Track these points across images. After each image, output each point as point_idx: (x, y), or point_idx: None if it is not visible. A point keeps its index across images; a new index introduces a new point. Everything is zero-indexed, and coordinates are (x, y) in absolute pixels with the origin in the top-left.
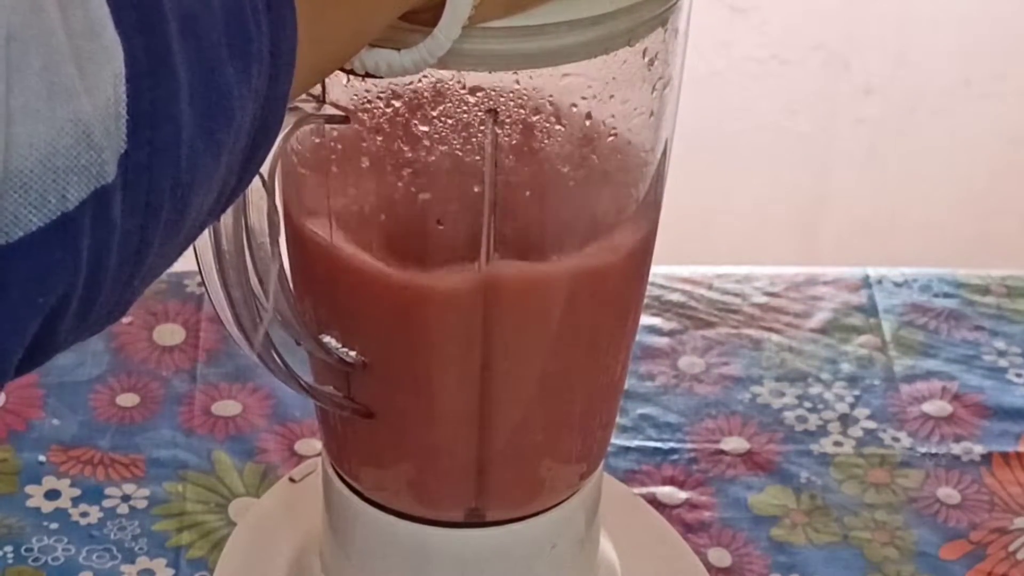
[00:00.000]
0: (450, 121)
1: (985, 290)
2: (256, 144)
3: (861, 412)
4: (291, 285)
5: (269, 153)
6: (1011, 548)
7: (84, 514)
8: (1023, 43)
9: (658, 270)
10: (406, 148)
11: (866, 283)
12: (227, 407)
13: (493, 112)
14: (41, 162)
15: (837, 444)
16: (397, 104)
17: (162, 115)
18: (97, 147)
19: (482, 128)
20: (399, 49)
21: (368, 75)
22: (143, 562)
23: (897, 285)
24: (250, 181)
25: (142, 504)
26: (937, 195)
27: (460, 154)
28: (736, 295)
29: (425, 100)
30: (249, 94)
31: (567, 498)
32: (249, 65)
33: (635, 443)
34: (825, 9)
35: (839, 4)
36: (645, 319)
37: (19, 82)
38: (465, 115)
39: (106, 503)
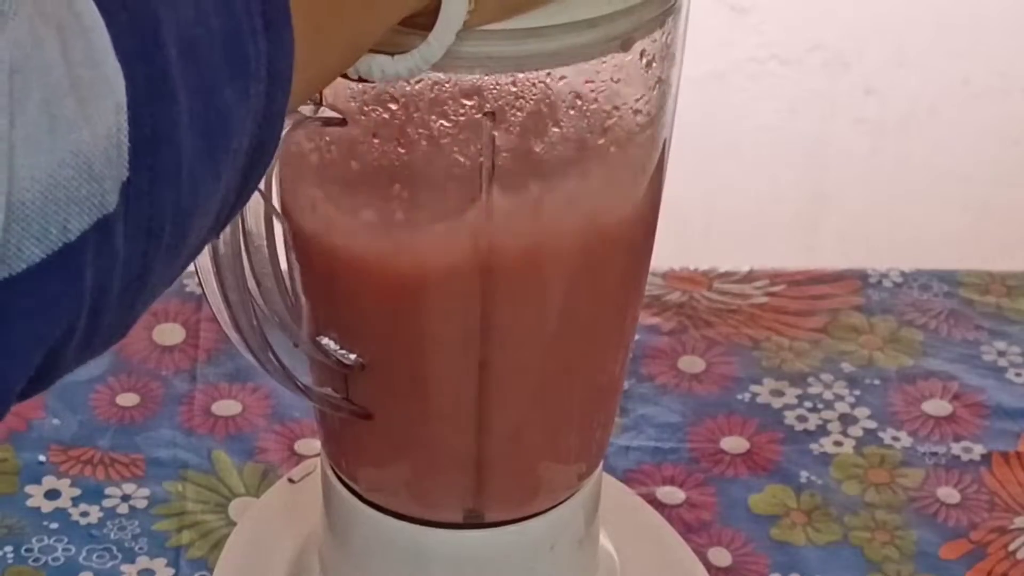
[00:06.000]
0: (447, 124)
1: (985, 290)
2: (253, 162)
3: (861, 412)
4: (288, 286)
5: (266, 169)
6: (1011, 548)
7: (84, 514)
8: (1023, 43)
9: (658, 270)
10: (403, 151)
11: (866, 283)
12: (227, 407)
13: (491, 114)
14: (43, 194)
15: (837, 444)
16: (394, 107)
17: (163, 141)
18: (98, 178)
19: (480, 130)
20: (393, 55)
21: (362, 80)
22: (143, 562)
23: (897, 285)
24: (248, 198)
25: (142, 504)
26: (937, 195)
27: (458, 156)
28: (736, 295)
29: (421, 103)
30: (248, 114)
31: (566, 499)
32: (247, 86)
33: (635, 443)
34: (825, 9)
35: (839, 4)
36: (645, 319)
37: (21, 115)
38: (462, 118)
39: (106, 503)
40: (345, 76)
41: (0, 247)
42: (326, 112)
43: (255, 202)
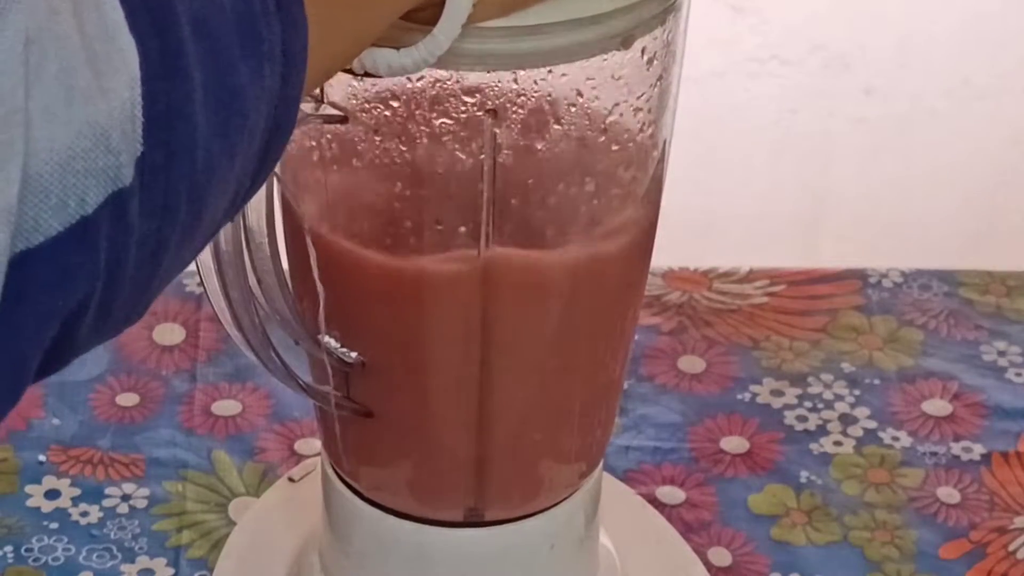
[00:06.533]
0: (449, 121)
1: (985, 290)
2: (270, 145)
3: (861, 412)
4: (290, 284)
5: (282, 154)
6: (1011, 548)
7: (84, 514)
8: (1023, 43)
9: (658, 270)
10: (405, 148)
11: (866, 283)
12: (227, 407)
13: (492, 112)
14: (60, 166)
15: (837, 444)
16: (395, 104)
17: (177, 116)
18: (115, 150)
19: (481, 128)
20: (398, 48)
21: (367, 74)
22: (143, 562)
23: (897, 285)
24: (263, 182)
25: (142, 504)
26: (937, 195)
27: (459, 154)
28: (736, 295)
29: (423, 100)
30: (263, 95)
31: (566, 498)
32: (261, 65)
33: (635, 443)
34: (825, 9)
35: (839, 4)
36: (645, 319)
37: (37, 86)
38: (464, 115)
39: (106, 503)
40: (349, 71)
41: (16, 219)
42: (327, 109)
43: (256, 198)
